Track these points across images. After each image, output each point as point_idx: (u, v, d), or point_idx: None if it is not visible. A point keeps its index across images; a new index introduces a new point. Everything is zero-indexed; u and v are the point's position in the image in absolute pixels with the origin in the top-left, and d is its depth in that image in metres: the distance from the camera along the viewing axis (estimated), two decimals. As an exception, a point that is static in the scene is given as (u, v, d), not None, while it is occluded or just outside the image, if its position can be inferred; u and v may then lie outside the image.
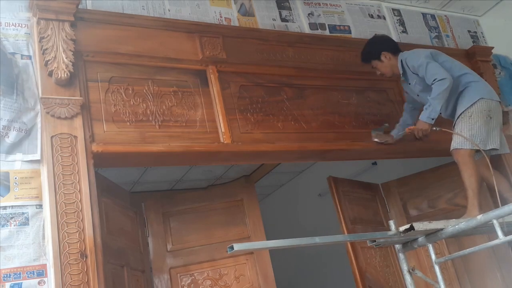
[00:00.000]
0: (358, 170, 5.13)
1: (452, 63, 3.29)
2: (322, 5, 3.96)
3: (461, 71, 3.25)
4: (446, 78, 3.08)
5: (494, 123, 3.13)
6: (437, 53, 3.32)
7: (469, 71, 3.31)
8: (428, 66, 3.15)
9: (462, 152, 3.05)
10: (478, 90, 3.17)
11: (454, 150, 3.10)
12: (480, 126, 3.06)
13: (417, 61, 3.22)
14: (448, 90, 3.10)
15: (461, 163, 3.06)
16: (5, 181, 2.42)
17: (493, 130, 3.11)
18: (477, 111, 3.10)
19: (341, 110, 3.57)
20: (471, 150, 3.05)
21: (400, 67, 3.34)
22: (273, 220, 5.28)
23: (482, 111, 3.10)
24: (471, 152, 3.05)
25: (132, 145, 2.75)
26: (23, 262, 2.33)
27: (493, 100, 3.17)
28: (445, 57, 3.33)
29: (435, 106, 3.12)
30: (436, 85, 3.09)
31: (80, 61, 2.76)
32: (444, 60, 3.27)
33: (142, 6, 3.19)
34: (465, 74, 3.24)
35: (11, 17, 2.72)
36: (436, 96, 3.09)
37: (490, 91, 3.22)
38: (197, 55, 3.15)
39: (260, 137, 3.16)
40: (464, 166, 3.04)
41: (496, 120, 3.15)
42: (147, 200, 4.05)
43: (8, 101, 2.52)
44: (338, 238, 3.07)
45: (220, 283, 4.01)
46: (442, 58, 3.28)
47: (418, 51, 3.33)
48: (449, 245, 3.98)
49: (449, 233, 2.70)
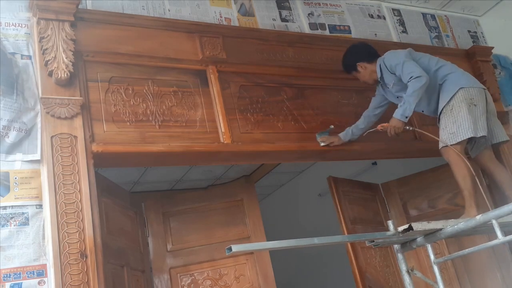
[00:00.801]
0: (358, 170, 5.13)
1: (428, 59, 3.25)
2: (322, 5, 3.96)
3: (437, 65, 3.20)
4: (422, 76, 3.03)
5: (480, 110, 3.05)
6: (413, 51, 3.29)
7: (445, 63, 3.26)
8: (405, 65, 3.10)
9: (451, 151, 3.00)
10: (456, 81, 3.12)
11: (443, 149, 3.05)
12: (463, 115, 3.00)
13: (395, 60, 3.18)
14: (423, 87, 3.04)
15: (453, 163, 3.01)
16: (5, 181, 2.42)
17: (480, 118, 3.03)
18: (458, 102, 3.04)
19: (341, 110, 3.57)
20: (460, 146, 3.00)
21: (379, 71, 3.28)
22: (273, 220, 5.28)
23: (463, 100, 3.04)
24: (461, 148, 3.00)
25: (132, 145, 2.75)
26: (23, 262, 2.33)
27: (474, 88, 3.10)
28: (421, 54, 3.30)
29: (410, 103, 3.05)
30: (412, 83, 3.04)
31: (80, 61, 2.76)
32: (420, 57, 3.24)
33: (142, 6, 3.19)
34: (442, 67, 3.19)
35: (11, 17, 2.72)
36: (411, 93, 3.03)
37: (469, 79, 3.17)
38: (197, 55, 3.15)
39: (260, 137, 3.16)
40: (456, 167, 2.99)
41: (482, 107, 3.06)
42: (147, 200, 4.05)
43: (8, 101, 2.52)
44: (337, 238, 3.07)
45: (220, 283, 4.01)
46: (418, 56, 3.26)
47: (396, 51, 3.29)
48: (449, 245, 3.98)
49: (448, 233, 2.70)
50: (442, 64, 3.22)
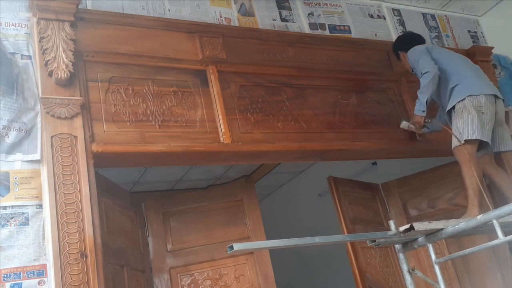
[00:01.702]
0: (358, 170, 5.13)
1: (446, 58, 3.34)
2: (322, 5, 3.96)
3: (453, 67, 3.28)
4: (429, 71, 3.18)
5: (488, 118, 3.11)
6: (433, 48, 3.43)
7: (462, 68, 3.32)
8: (420, 61, 3.28)
9: (462, 150, 3.04)
10: (466, 88, 3.18)
11: (455, 149, 3.10)
12: (472, 118, 3.06)
13: (413, 56, 3.38)
14: (432, 82, 3.19)
15: (462, 162, 3.06)
16: (5, 181, 2.42)
17: (486, 125, 3.09)
18: (468, 106, 3.11)
19: (341, 110, 3.56)
20: (471, 146, 3.03)
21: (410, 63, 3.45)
22: (273, 220, 5.27)
23: (473, 106, 3.10)
24: (471, 149, 3.04)
25: (132, 145, 2.75)
26: (23, 262, 2.33)
27: (484, 95, 3.15)
28: (441, 50, 3.42)
29: (421, 98, 3.23)
30: (422, 79, 3.22)
31: (80, 61, 2.76)
32: (440, 53, 3.36)
33: (142, 6, 3.19)
34: (457, 73, 3.26)
35: (11, 17, 2.72)
36: (421, 89, 3.22)
37: (480, 86, 3.21)
38: (197, 55, 3.15)
39: (260, 137, 3.16)
40: (465, 166, 3.04)
41: (489, 116, 3.12)
42: (147, 200, 4.05)
43: (8, 101, 2.52)
44: (338, 238, 3.07)
45: (220, 283, 4.01)
46: (437, 53, 3.35)
47: (416, 48, 3.44)
48: (449, 245, 3.98)
49: (449, 233, 2.70)
50: (458, 70, 3.28)
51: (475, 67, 3.47)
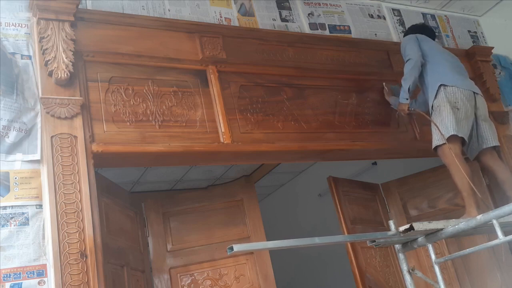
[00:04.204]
0: (358, 170, 5.14)
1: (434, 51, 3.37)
2: (322, 5, 3.96)
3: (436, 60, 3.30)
4: (411, 58, 3.24)
5: (463, 114, 3.09)
6: (424, 39, 3.44)
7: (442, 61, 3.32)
8: (406, 47, 3.36)
9: (446, 151, 3.02)
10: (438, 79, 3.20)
11: (439, 150, 3.08)
12: (448, 114, 3.06)
13: (403, 43, 3.45)
14: (414, 69, 3.24)
15: (449, 164, 3.03)
16: (5, 181, 2.42)
17: (461, 121, 3.07)
18: (443, 102, 3.11)
19: (341, 110, 3.56)
20: (454, 145, 3.01)
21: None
22: (273, 220, 5.28)
23: (448, 101, 3.10)
24: (455, 148, 3.01)
25: (132, 145, 2.75)
26: (23, 262, 2.33)
27: (457, 88, 3.14)
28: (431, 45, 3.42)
29: (404, 86, 3.30)
30: (405, 66, 3.30)
31: (80, 61, 2.76)
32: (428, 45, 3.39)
33: (142, 6, 3.19)
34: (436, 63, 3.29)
35: (11, 17, 2.72)
36: (404, 76, 3.29)
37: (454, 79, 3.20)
38: (197, 55, 3.15)
39: (260, 137, 3.16)
40: (453, 168, 3.01)
41: (465, 113, 3.10)
42: (147, 200, 4.05)
43: (8, 101, 2.52)
44: (338, 238, 3.07)
45: (220, 283, 4.01)
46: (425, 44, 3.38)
47: (408, 35, 3.51)
48: (449, 245, 3.98)
49: (449, 233, 2.70)
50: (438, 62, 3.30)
51: (457, 63, 3.43)
